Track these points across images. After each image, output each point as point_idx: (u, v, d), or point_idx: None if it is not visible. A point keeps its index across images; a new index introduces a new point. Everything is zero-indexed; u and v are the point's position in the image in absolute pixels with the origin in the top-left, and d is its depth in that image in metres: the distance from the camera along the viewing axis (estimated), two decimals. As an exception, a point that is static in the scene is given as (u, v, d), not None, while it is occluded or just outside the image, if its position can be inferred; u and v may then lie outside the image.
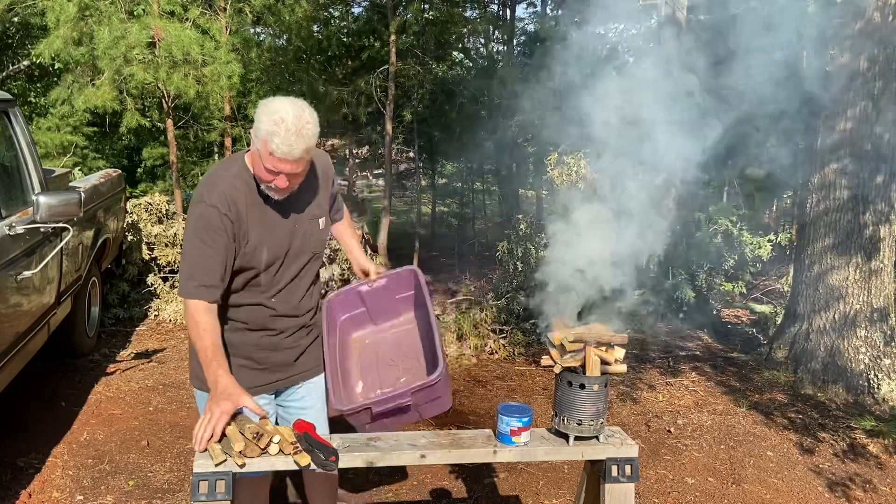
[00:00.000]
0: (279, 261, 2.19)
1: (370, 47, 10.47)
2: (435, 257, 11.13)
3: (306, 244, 2.24)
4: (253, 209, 2.12)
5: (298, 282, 2.27)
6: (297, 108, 1.98)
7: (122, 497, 3.25)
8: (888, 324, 4.82)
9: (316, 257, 2.31)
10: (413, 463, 2.02)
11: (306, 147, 1.98)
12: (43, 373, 4.56)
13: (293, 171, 2.00)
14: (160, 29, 6.84)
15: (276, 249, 2.17)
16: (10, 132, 4.02)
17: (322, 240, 2.30)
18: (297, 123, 1.95)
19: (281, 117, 1.94)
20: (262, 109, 1.98)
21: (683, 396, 4.73)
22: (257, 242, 2.13)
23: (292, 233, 2.20)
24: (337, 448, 1.94)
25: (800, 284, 5.10)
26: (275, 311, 2.24)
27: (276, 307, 2.24)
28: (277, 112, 1.95)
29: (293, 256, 2.22)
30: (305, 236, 2.23)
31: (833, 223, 4.84)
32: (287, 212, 2.18)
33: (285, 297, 2.25)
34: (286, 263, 2.21)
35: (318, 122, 2.05)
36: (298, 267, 2.25)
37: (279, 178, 2.01)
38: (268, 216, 2.15)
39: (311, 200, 2.25)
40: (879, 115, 4.64)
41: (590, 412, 2.02)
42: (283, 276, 2.22)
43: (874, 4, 4.57)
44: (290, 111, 1.96)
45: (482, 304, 6.09)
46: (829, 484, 3.61)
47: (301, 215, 2.21)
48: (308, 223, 2.23)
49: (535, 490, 3.43)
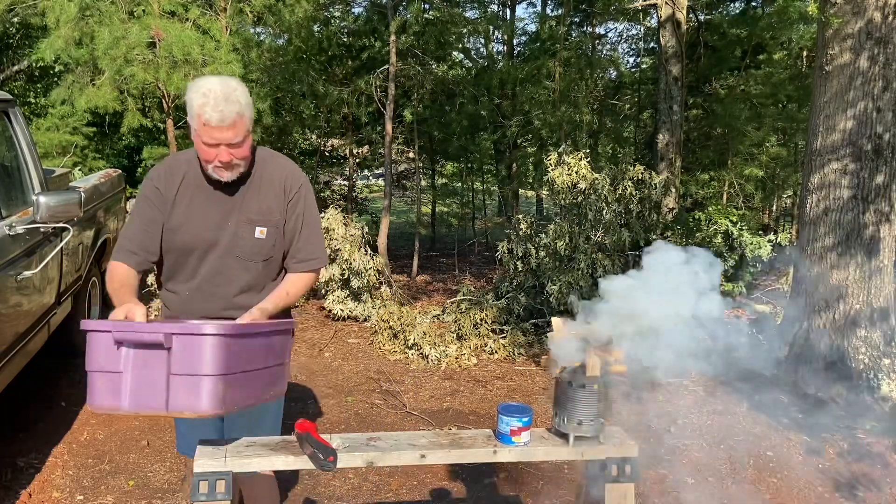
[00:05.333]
0: (197, 251, 2.17)
1: (370, 47, 10.46)
2: (435, 257, 11.13)
3: (234, 246, 2.17)
4: (188, 189, 2.16)
5: (221, 283, 2.20)
6: (222, 79, 2.05)
7: (122, 497, 3.25)
8: (888, 324, 4.82)
9: (243, 263, 2.19)
10: (413, 463, 2.02)
11: (238, 112, 2.01)
12: (43, 373, 4.56)
13: (231, 140, 2.02)
14: (160, 29, 6.84)
15: (196, 237, 2.16)
16: (10, 132, 4.02)
17: (256, 250, 2.19)
18: (224, 91, 2.00)
19: (209, 88, 2.00)
20: (190, 89, 2.04)
21: (683, 396, 4.73)
22: (181, 222, 2.16)
23: (220, 228, 2.16)
24: (336, 448, 1.94)
25: (800, 284, 5.10)
26: (190, 304, 2.21)
27: (191, 302, 2.21)
28: (204, 86, 2.01)
29: (218, 254, 2.17)
30: (235, 238, 2.17)
31: (833, 223, 4.84)
32: (223, 206, 2.16)
33: (202, 295, 2.20)
34: (208, 258, 2.17)
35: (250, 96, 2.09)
36: (224, 267, 2.18)
37: (220, 152, 2.03)
38: (201, 201, 2.16)
39: (254, 205, 2.18)
40: (879, 114, 4.64)
41: (590, 412, 2.02)
42: (201, 270, 2.19)
43: (874, 4, 4.57)
44: (217, 82, 2.03)
45: (482, 304, 6.09)
46: (830, 484, 3.61)
47: (236, 215, 2.17)
48: (241, 225, 2.17)
49: (535, 490, 3.43)
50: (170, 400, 1.72)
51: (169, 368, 1.71)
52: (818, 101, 4.91)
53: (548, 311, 6.06)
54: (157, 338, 1.70)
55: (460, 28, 10.19)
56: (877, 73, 4.62)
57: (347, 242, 6.53)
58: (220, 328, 1.73)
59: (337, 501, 3.28)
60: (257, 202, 2.19)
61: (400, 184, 13.68)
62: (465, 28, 10.46)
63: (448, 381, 5.01)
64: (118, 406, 1.74)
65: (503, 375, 5.17)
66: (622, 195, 6.22)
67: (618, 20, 12.08)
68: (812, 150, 4.99)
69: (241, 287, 2.22)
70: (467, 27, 10.55)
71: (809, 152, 5.06)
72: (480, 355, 5.55)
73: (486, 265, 10.05)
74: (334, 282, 6.58)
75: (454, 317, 6.07)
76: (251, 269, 2.21)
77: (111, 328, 1.73)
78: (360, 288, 6.57)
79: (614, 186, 6.24)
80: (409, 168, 14.06)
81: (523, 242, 6.28)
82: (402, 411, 4.42)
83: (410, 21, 9.04)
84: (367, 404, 4.52)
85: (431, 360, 5.36)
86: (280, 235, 2.22)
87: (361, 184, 14.74)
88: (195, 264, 2.20)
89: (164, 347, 1.71)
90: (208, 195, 2.17)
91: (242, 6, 8.07)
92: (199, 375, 1.71)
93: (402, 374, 5.15)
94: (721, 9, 11.61)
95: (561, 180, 6.31)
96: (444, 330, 5.89)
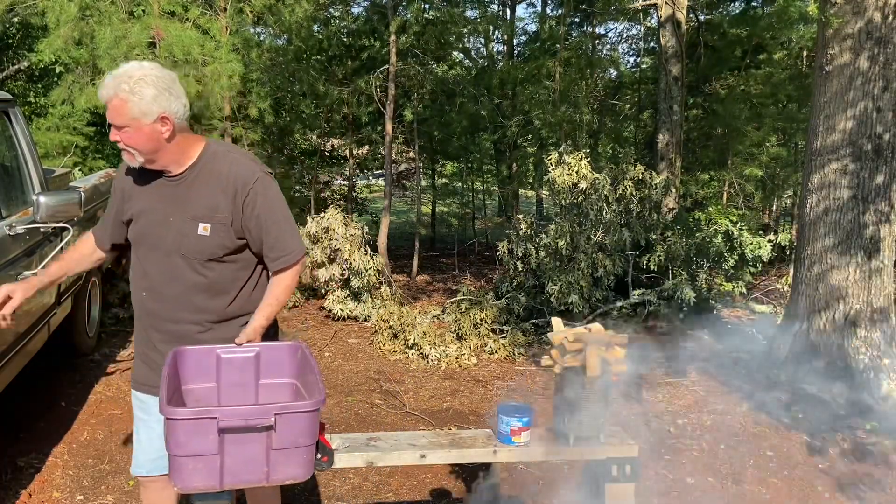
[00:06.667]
0: (144, 247, 2.17)
1: (370, 47, 10.46)
2: (435, 257, 11.13)
3: (178, 244, 2.10)
4: (144, 181, 2.17)
5: (171, 282, 2.14)
6: (142, 64, 2.05)
7: (122, 497, 3.25)
8: (888, 324, 4.82)
9: (188, 262, 2.11)
10: (413, 463, 2.02)
11: (115, 93, 1.97)
12: (43, 373, 4.56)
13: (113, 121, 2.01)
14: (161, 29, 6.85)
15: (142, 233, 2.16)
16: (10, 132, 4.02)
17: (199, 248, 2.09)
18: (124, 70, 2.00)
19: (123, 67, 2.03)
20: None
21: (683, 396, 4.73)
22: (135, 213, 2.18)
23: (164, 224, 2.12)
24: (336, 448, 1.95)
25: (800, 284, 5.10)
26: (145, 303, 2.20)
27: (145, 300, 2.20)
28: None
29: (164, 252, 2.13)
30: (180, 234, 2.10)
31: (833, 223, 4.84)
32: (169, 200, 2.13)
33: (154, 295, 2.17)
34: (155, 256, 2.15)
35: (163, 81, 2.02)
36: (171, 266, 2.13)
37: (112, 132, 2.04)
38: (150, 196, 2.16)
39: (200, 201, 2.10)
40: (879, 114, 4.65)
41: (590, 412, 2.02)
42: (151, 268, 2.16)
43: (874, 4, 4.57)
44: (133, 64, 2.05)
45: (482, 304, 6.09)
46: (830, 484, 3.61)
47: (179, 209, 2.11)
48: (184, 222, 2.09)
49: (536, 490, 3.43)
50: (271, 473, 1.74)
51: (269, 444, 1.71)
52: (818, 101, 4.91)
53: (548, 311, 6.06)
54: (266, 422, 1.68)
55: (460, 28, 10.19)
56: (877, 73, 4.62)
57: (347, 242, 6.53)
58: (317, 403, 1.74)
59: (337, 501, 3.28)
60: (202, 198, 2.10)
61: (400, 184, 13.68)
62: (465, 28, 10.46)
63: (448, 381, 5.01)
64: (215, 486, 1.72)
65: (503, 375, 5.17)
66: (622, 195, 6.22)
67: (618, 20, 12.09)
68: (812, 150, 4.99)
69: (191, 289, 2.13)
70: (467, 27, 10.55)
71: (809, 152, 5.06)
72: (480, 355, 5.55)
73: (486, 265, 10.05)
74: (334, 282, 6.58)
75: (454, 317, 6.07)
76: (200, 271, 2.11)
77: (218, 416, 1.67)
78: (360, 288, 6.57)
79: (615, 186, 6.24)
80: (409, 168, 14.06)
81: (523, 242, 6.28)
82: (402, 411, 4.42)
83: (410, 21, 9.04)
84: (367, 404, 4.52)
85: (431, 360, 5.36)
86: (227, 234, 2.10)
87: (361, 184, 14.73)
88: (144, 261, 2.17)
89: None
90: (158, 190, 2.14)
91: (242, 6, 8.07)
92: (299, 447, 1.74)
93: (402, 374, 5.15)
94: (721, 9, 11.61)
95: (561, 180, 6.31)
96: (444, 330, 5.89)
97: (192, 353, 2.05)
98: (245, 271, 2.19)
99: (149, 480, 2.34)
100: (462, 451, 2.02)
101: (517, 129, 10.63)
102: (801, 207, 5.24)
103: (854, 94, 4.69)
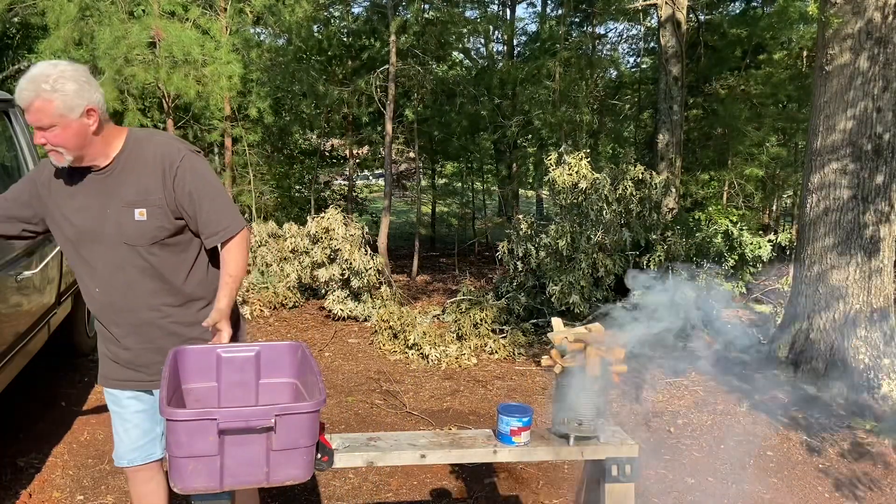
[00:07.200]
0: (84, 243, 2.14)
1: (370, 47, 10.47)
2: (435, 257, 11.14)
3: (119, 233, 2.10)
4: (64, 179, 2.14)
5: (120, 272, 2.14)
6: (48, 63, 2.02)
7: (122, 497, 3.25)
8: (888, 324, 4.82)
9: (133, 249, 2.11)
10: (413, 463, 2.02)
11: (37, 87, 1.96)
12: (43, 373, 4.56)
13: (37, 123, 2.00)
14: (161, 29, 6.86)
15: (84, 227, 2.13)
16: (10, 132, 4.02)
17: (139, 232, 2.10)
18: (38, 71, 1.98)
19: (35, 68, 2.00)
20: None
21: (683, 396, 4.73)
22: (62, 214, 2.14)
23: (103, 217, 2.11)
24: (336, 448, 1.94)
25: (800, 284, 5.10)
26: (99, 299, 2.19)
27: (99, 296, 2.19)
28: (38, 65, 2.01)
29: (108, 245, 2.12)
30: (118, 224, 2.10)
31: (833, 223, 4.84)
32: (100, 194, 2.12)
33: (106, 288, 2.17)
34: (98, 250, 2.13)
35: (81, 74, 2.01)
36: (117, 256, 2.13)
37: (36, 135, 2.03)
38: (84, 191, 2.13)
39: (130, 187, 2.10)
40: (879, 114, 4.65)
41: (590, 412, 2.02)
42: (97, 262, 2.15)
43: (874, 4, 4.57)
44: (45, 63, 2.02)
45: (482, 304, 6.09)
46: (830, 484, 3.61)
47: (114, 199, 2.11)
48: (120, 211, 2.09)
49: (535, 490, 3.43)
50: (271, 474, 1.74)
51: (269, 445, 1.71)
52: (818, 101, 4.91)
53: (548, 311, 6.06)
54: (266, 423, 1.67)
55: (460, 28, 10.20)
56: (877, 73, 4.62)
57: (347, 242, 6.53)
58: (318, 403, 1.73)
59: (337, 501, 3.28)
60: (132, 184, 2.10)
61: (400, 184, 13.69)
62: (465, 28, 10.47)
63: (448, 381, 5.01)
64: (216, 487, 1.72)
65: (503, 375, 5.17)
66: (622, 195, 6.22)
67: (618, 20, 12.09)
68: (812, 150, 4.99)
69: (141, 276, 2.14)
70: (467, 27, 10.56)
71: (809, 152, 5.06)
72: (480, 355, 5.55)
73: (486, 265, 10.06)
74: (334, 282, 6.58)
75: (454, 317, 6.07)
76: (145, 257, 2.12)
77: (218, 417, 1.66)
78: (360, 288, 6.57)
79: (615, 186, 6.24)
80: (409, 168, 14.07)
81: (523, 242, 6.28)
82: (402, 411, 4.42)
83: (410, 21, 9.05)
84: (367, 404, 4.52)
85: (431, 360, 5.36)
86: (164, 216, 2.10)
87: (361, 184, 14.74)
88: (89, 258, 2.16)
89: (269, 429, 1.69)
90: (88, 185, 2.14)
91: (242, 6, 8.07)
92: (299, 448, 1.73)
93: (402, 374, 5.15)
94: (721, 9, 11.61)
95: (562, 180, 6.31)
96: (444, 330, 5.89)
97: (191, 352, 2.04)
98: (192, 251, 2.20)
99: (133, 471, 2.37)
100: (462, 451, 2.02)
101: (517, 129, 10.63)
102: (801, 207, 5.24)
103: (854, 94, 4.69)
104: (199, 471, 1.69)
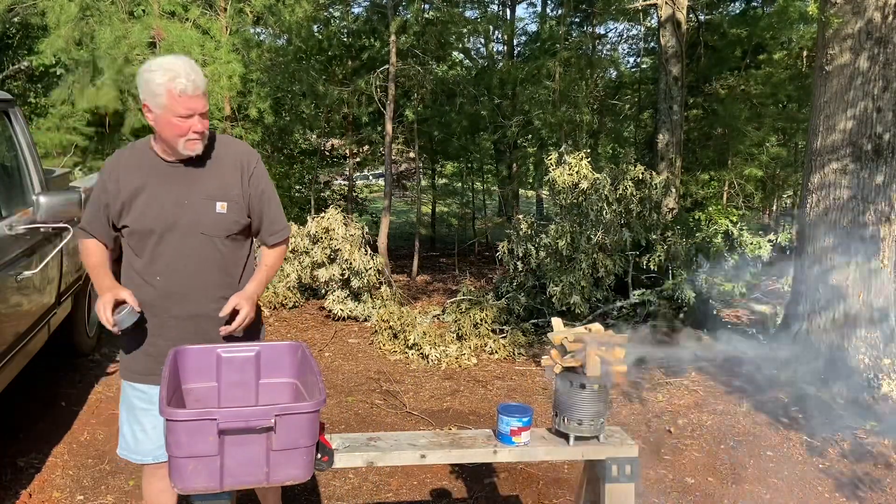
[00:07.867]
0: (156, 233, 2.17)
1: (370, 47, 10.46)
2: (435, 257, 11.13)
3: (196, 224, 2.18)
4: (136, 172, 2.18)
5: (190, 261, 2.19)
6: (177, 55, 2.14)
7: (122, 497, 3.25)
8: (888, 324, 4.82)
9: (209, 240, 2.20)
10: (413, 463, 2.02)
11: (205, 80, 2.11)
12: (43, 373, 4.56)
13: (203, 109, 2.09)
14: (161, 29, 6.86)
15: (154, 218, 2.17)
16: (10, 132, 4.02)
17: (218, 224, 2.20)
18: (188, 62, 2.09)
19: (171, 64, 2.07)
20: (146, 73, 2.09)
21: (683, 396, 4.73)
22: (136, 205, 2.18)
23: (179, 206, 2.17)
24: (336, 448, 1.94)
25: (800, 284, 5.10)
26: (158, 288, 2.21)
27: (160, 284, 2.20)
28: (164, 63, 2.08)
29: (180, 234, 2.17)
30: (197, 214, 2.18)
31: (833, 223, 4.84)
32: (181, 184, 2.18)
33: (171, 275, 2.20)
34: (172, 237, 2.17)
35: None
36: (190, 245, 2.18)
37: (194, 122, 2.09)
38: (156, 183, 2.18)
39: (211, 181, 2.20)
40: (879, 114, 4.65)
41: (590, 412, 2.02)
42: (166, 249, 2.19)
43: (874, 4, 4.57)
44: (174, 57, 2.11)
45: (482, 304, 6.09)
46: (830, 484, 3.61)
47: (194, 191, 2.18)
48: (200, 202, 2.18)
49: (535, 490, 3.43)
50: (271, 474, 1.74)
51: (269, 445, 1.71)
52: (818, 101, 4.91)
53: (548, 311, 6.06)
54: (266, 423, 1.67)
55: (460, 28, 10.19)
56: (877, 73, 4.62)
57: (347, 242, 6.53)
58: (318, 403, 1.74)
59: (337, 501, 3.28)
60: (216, 178, 2.21)
61: (400, 184, 13.68)
62: (465, 28, 10.46)
63: (448, 381, 5.01)
64: (216, 487, 1.72)
65: (503, 375, 5.17)
66: (623, 195, 6.22)
67: (618, 20, 12.08)
68: (812, 150, 4.99)
69: (210, 266, 2.21)
70: (467, 27, 10.56)
71: (809, 152, 5.06)
72: (480, 355, 5.55)
73: (486, 265, 10.05)
74: (334, 282, 6.58)
75: (454, 317, 6.07)
76: (218, 248, 2.22)
77: (218, 417, 1.67)
78: (360, 288, 6.57)
79: (615, 186, 6.24)
80: (409, 168, 14.06)
81: (523, 242, 6.27)
82: (402, 411, 4.42)
83: (410, 21, 9.05)
84: (367, 404, 4.52)
85: (431, 360, 5.36)
86: (241, 211, 2.24)
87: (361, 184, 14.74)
88: (158, 245, 2.19)
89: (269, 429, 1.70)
90: (164, 176, 2.19)
91: (242, 6, 8.07)
92: (299, 448, 1.74)
93: (402, 374, 5.15)
94: (721, 9, 11.61)
95: (562, 180, 6.30)
96: (444, 330, 5.89)
97: (191, 352, 2.05)
98: (247, 248, 2.34)
99: (156, 467, 2.37)
100: (462, 451, 2.02)
101: (517, 129, 10.63)
102: (801, 207, 5.24)
103: (854, 93, 4.69)
104: (200, 471, 1.69)
